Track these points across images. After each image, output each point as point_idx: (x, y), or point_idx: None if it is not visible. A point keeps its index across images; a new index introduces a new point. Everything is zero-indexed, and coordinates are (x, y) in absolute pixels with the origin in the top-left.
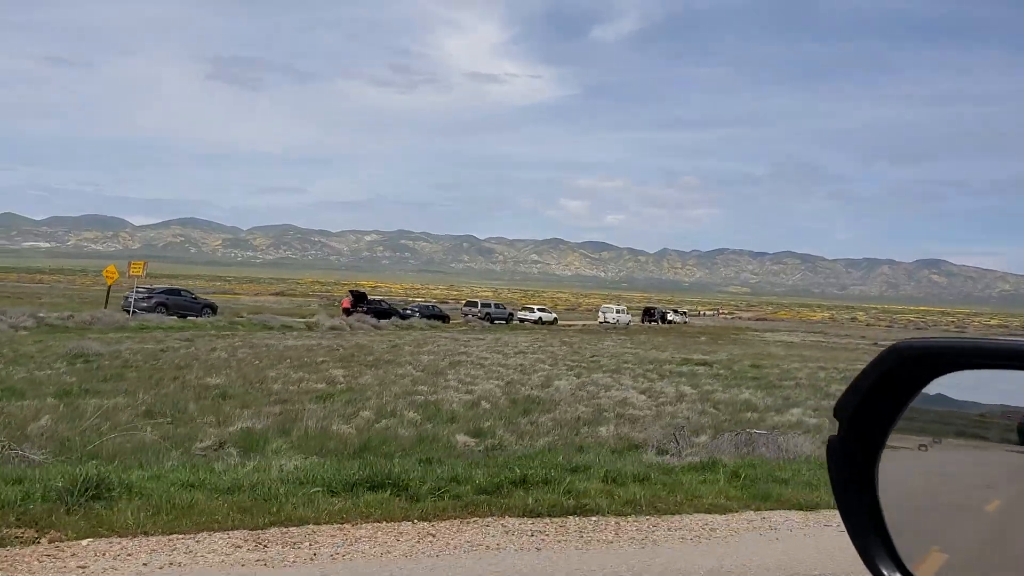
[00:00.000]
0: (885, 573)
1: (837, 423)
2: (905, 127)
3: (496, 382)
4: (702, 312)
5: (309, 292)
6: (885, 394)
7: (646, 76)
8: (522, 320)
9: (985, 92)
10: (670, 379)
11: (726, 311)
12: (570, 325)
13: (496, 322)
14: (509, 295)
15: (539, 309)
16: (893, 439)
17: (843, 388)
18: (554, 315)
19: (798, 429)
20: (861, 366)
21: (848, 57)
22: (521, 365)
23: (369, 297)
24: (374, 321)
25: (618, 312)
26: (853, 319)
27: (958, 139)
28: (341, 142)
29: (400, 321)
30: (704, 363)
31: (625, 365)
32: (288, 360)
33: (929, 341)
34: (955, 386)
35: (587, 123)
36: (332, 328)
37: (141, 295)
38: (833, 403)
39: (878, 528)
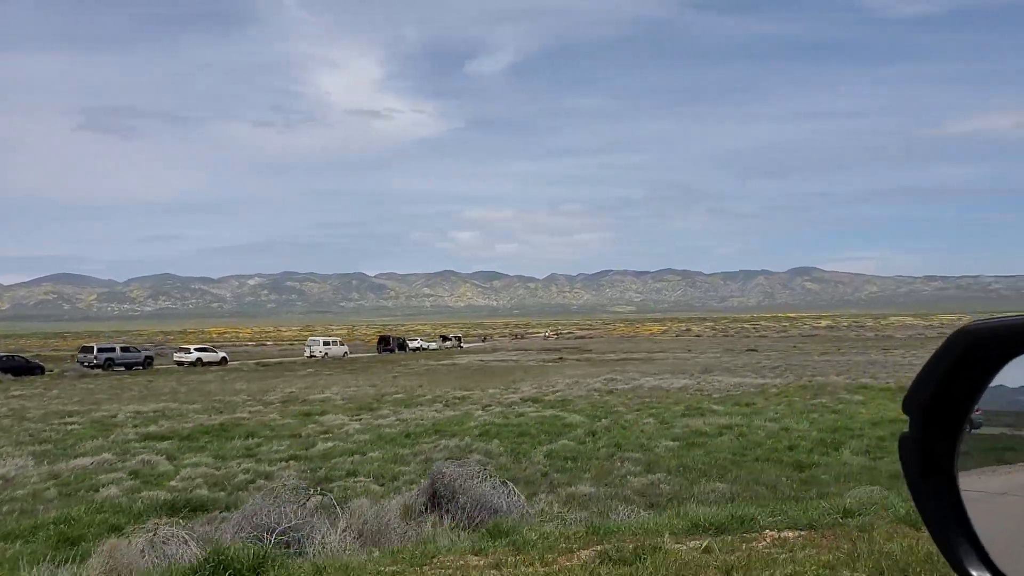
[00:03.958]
0: (974, 573)
1: (908, 418)
2: (774, 144)
3: None
4: (518, 334)
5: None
6: (957, 382)
7: (526, 108)
8: (179, 363)
9: (846, 107)
10: None
11: (554, 333)
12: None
13: (134, 368)
14: (361, 331)
15: (197, 349)
16: (975, 432)
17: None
18: (222, 354)
19: None
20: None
21: (718, 81)
22: None
23: None
24: None
25: (327, 344)
26: (687, 329)
27: (824, 152)
28: (221, 186)
29: None
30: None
31: None
32: None
33: (998, 322)
34: None
35: (473, 155)
36: None
37: None
38: None
39: (962, 524)
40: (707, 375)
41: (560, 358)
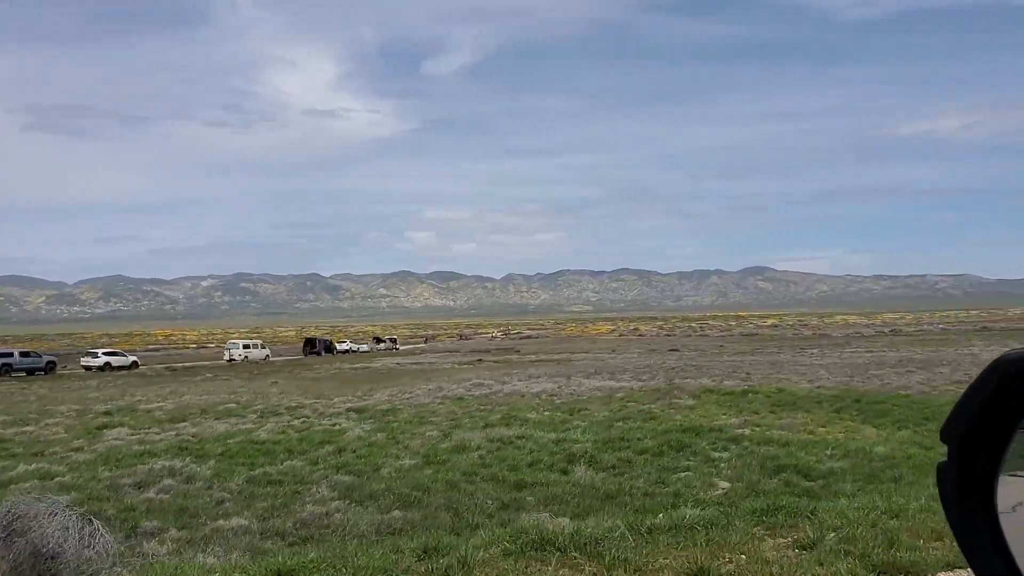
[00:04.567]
0: None
1: (946, 447)
2: (729, 145)
3: None
4: (465, 335)
5: None
6: (996, 412)
7: (484, 107)
8: (87, 367)
9: (799, 109)
10: None
11: (502, 333)
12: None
13: (36, 374)
14: (309, 333)
15: (105, 353)
16: (1013, 459)
17: None
18: (132, 358)
19: None
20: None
21: (674, 83)
22: None
23: None
24: None
25: (247, 347)
26: (635, 329)
27: (777, 153)
28: (174, 187)
29: None
30: None
31: None
32: None
33: None
34: None
35: (431, 155)
36: None
37: None
38: None
39: (1001, 552)
40: (586, 379)
41: (479, 360)
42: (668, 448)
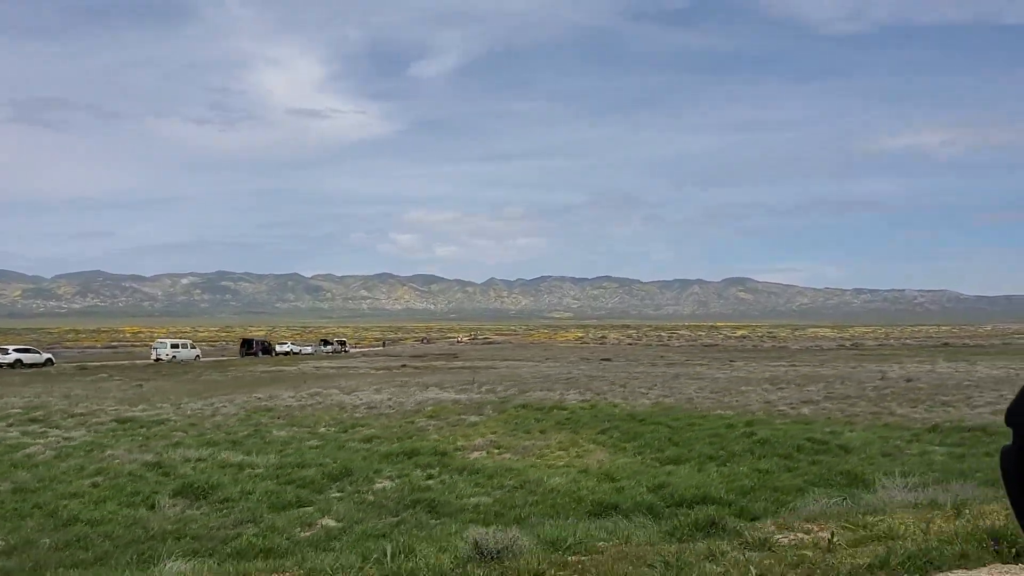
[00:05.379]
0: None
1: (1012, 430)
2: (712, 153)
3: None
4: (426, 339)
5: None
6: None
7: (469, 110)
8: (11, 365)
9: (781, 120)
10: None
11: (469, 338)
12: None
13: None
14: (280, 333)
15: (17, 349)
16: None
17: None
18: (47, 355)
19: None
20: None
21: (656, 90)
22: None
23: None
24: None
25: (175, 347)
26: (602, 337)
27: (759, 163)
28: (156, 183)
29: None
30: None
31: None
32: None
33: None
34: None
35: (415, 157)
36: None
37: None
38: None
39: None
40: (441, 391)
41: (403, 365)
42: (326, 477)
